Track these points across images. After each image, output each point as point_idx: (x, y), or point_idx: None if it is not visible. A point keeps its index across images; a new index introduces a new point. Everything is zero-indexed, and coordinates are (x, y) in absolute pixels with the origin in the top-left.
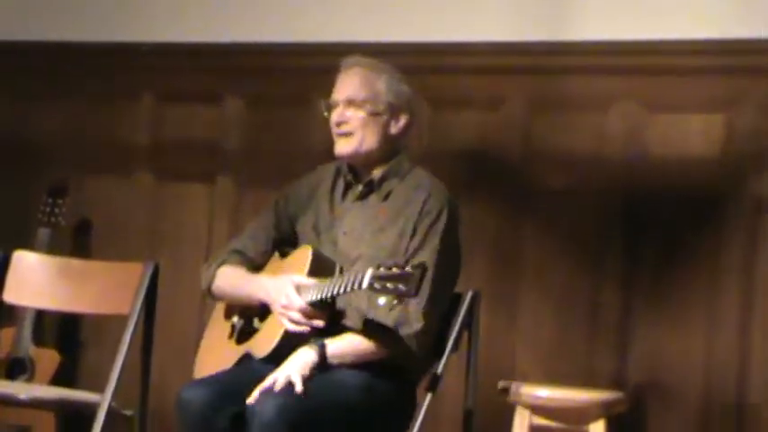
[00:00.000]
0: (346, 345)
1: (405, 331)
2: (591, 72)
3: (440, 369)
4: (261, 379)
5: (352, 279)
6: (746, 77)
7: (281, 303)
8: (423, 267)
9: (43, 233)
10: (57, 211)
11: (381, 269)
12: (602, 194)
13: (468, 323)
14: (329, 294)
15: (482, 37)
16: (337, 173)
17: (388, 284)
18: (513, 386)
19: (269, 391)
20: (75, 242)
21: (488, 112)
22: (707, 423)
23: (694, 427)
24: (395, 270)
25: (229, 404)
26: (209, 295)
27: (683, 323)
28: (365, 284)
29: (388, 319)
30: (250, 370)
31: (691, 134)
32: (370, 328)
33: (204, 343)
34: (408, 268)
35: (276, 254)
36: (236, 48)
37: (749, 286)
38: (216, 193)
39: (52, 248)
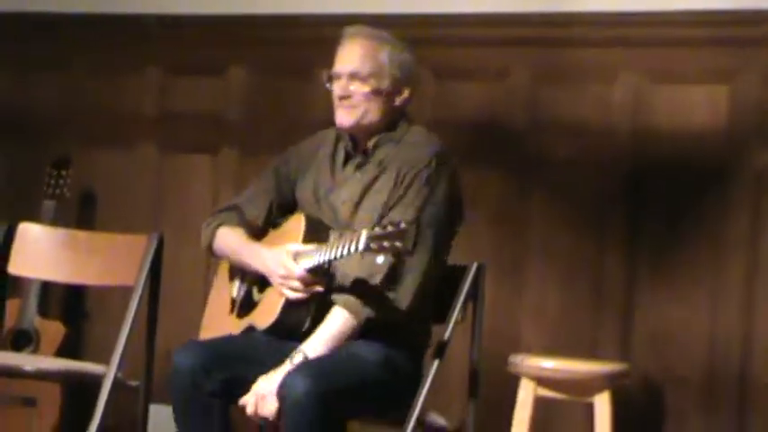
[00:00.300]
0: (326, 339)
1: (374, 280)
2: (595, 43)
3: (447, 334)
4: (258, 348)
5: (348, 242)
6: (750, 48)
7: (280, 274)
8: (418, 222)
9: (48, 205)
10: (61, 182)
11: (376, 229)
12: (607, 165)
13: (474, 294)
14: (326, 259)
15: (487, 8)
16: (338, 138)
17: (385, 243)
18: (519, 358)
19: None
20: (80, 214)
21: (493, 83)
22: (710, 395)
23: (698, 398)
24: (390, 228)
25: (221, 368)
26: (210, 254)
27: (688, 295)
28: (361, 246)
29: (361, 273)
30: (249, 339)
31: (695, 105)
32: (353, 289)
33: (208, 312)
34: (403, 225)
35: (271, 228)
36: (240, 20)
37: (753, 257)
38: (219, 164)
39: (57, 220)
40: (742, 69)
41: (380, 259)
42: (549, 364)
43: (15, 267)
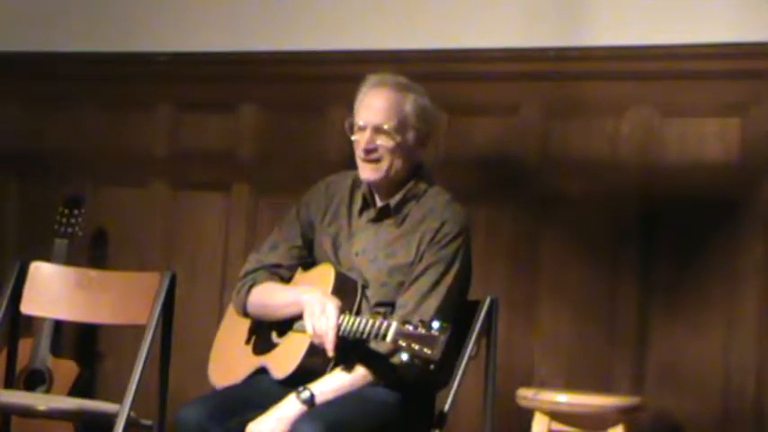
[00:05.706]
0: (338, 386)
1: (397, 359)
2: (606, 77)
3: (447, 406)
4: (266, 393)
5: (376, 327)
6: (762, 81)
7: (318, 309)
8: (449, 330)
9: (60, 244)
10: (73, 221)
11: (408, 326)
12: (619, 199)
13: (487, 330)
14: (351, 331)
15: (498, 44)
16: (354, 184)
17: (414, 345)
18: (532, 392)
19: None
20: (92, 252)
21: (505, 118)
22: (725, 428)
23: (713, 431)
24: (421, 330)
25: (231, 415)
26: (246, 317)
27: (701, 327)
28: (389, 339)
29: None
30: (255, 384)
31: (706, 138)
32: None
33: (221, 334)
34: (434, 331)
35: (299, 269)
36: (251, 57)
37: (766, 290)
38: (232, 201)
39: (69, 259)
40: (753, 102)
41: (405, 356)
42: (562, 399)
43: (27, 307)
